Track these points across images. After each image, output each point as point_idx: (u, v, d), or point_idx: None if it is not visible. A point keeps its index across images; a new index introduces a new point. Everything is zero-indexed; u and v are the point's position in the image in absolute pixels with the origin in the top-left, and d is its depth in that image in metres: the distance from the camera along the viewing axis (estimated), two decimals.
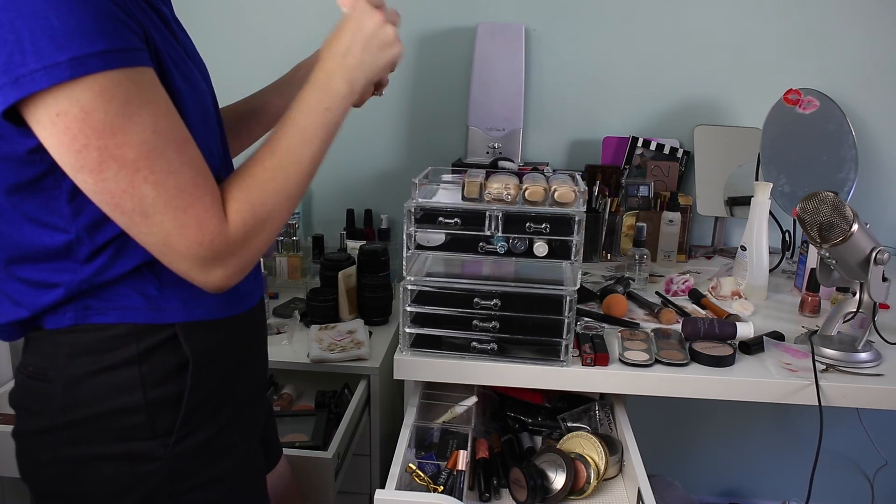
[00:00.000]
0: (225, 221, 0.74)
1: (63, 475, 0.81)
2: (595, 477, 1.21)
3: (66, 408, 0.78)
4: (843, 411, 1.90)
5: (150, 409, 0.79)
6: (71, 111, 0.65)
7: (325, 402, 1.57)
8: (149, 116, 0.68)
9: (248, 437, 0.94)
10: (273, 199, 0.78)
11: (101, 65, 0.65)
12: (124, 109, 0.67)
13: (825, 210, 1.23)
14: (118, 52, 0.66)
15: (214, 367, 0.85)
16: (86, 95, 0.65)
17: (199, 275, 0.74)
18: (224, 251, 0.74)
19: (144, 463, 0.80)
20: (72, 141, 0.66)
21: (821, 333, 1.36)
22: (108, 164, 0.67)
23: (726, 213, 1.95)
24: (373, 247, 1.75)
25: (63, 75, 0.63)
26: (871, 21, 1.91)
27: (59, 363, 0.78)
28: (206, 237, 0.72)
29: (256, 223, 0.76)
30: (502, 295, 1.25)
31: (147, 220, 0.70)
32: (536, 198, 1.21)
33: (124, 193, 0.69)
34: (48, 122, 0.66)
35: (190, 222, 0.71)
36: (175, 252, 0.72)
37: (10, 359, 1.61)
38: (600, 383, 1.28)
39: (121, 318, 0.78)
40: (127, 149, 0.67)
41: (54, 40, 0.63)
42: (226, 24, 2.02)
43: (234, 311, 0.88)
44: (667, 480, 2.01)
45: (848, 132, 1.89)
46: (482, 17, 1.94)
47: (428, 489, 1.14)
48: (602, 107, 2.02)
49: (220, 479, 0.86)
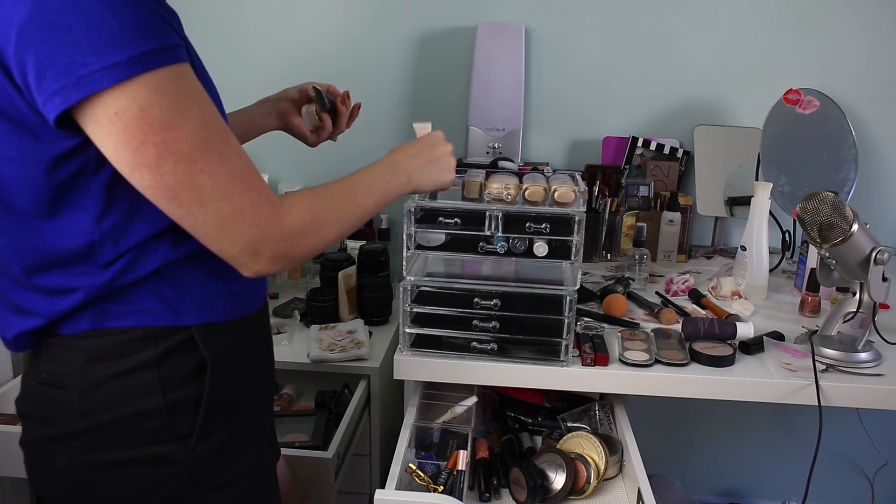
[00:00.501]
0: (279, 208, 0.77)
1: (80, 482, 0.80)
2: (595, 477, 1.21)
3: (85, 413, 0.78)
4: (843, 411, 1.90)
5: (171, 411, 0.79)
6: (129, 109, 0.67)
7: (325, 402, 1.57)
8: (197, 110, 0.71)
9: (261, 438, 0.95)
10: (331, 213, 0.84)
11: (156, 62, 0.67)
12: (176, 105, 0.69)
13: (825, 210, 1.23)
14: (168, 49, 0.69)
15: (231, 367, 0.85)
16: (143, 93, 0.67)
17: (249, 257, 0.76)
18: (276, 236, 0.76)
19: (165, 466, 0.80)
20: (130, 138, 0.67)
21: (821, 333, 1.36)
22: (165, 159, 0.69)
23: (726, 213, 1.95)
24: (373, 247, 1.75)
25: (123, 74, 0.65)
26: (872, 21, 1.91)
27: (75, 369, 0.78)
28: (261, 219, 0.75)
29: (313, 224, 0.80)
30: (502, 295, 1.25)
31: (205, 209, 0.72)
32: (536, 198, 1.21)
33: (182, 185, 0.70)
34: (106, 121, 0.67)
35: (245, 206, 0.74)
36: (230, 236, 0.74)
37: (10, 358, 1.61)
38: (600, 383, 1.28)
39: (138, 321, 0.78)
40: (182, 142, 0.69)
41: (113, 40, 0.65)
42: (225, 25, 2.02)
43: (246, 312, 0.89)
44: (667, 480, 2.01)
45: (848, 132, 1.89)
46: (482, 17, 1.94)
47: (428, 489, 1.14)
48: (602, 107, 2.02)
49: (238, 479, 0.87)
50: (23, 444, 0.84)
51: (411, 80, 2.03)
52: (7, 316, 0.81)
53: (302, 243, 0.80)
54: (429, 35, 1.99)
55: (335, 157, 1.88)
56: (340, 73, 2.02)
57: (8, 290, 0.80)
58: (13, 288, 0.80)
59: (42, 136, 0.70)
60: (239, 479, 0.87)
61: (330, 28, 2.01)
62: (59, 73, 0.65)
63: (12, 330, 0.81)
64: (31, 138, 0.70)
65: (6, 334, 0.82)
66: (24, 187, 0.73)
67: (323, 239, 0.83)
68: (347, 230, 0.87)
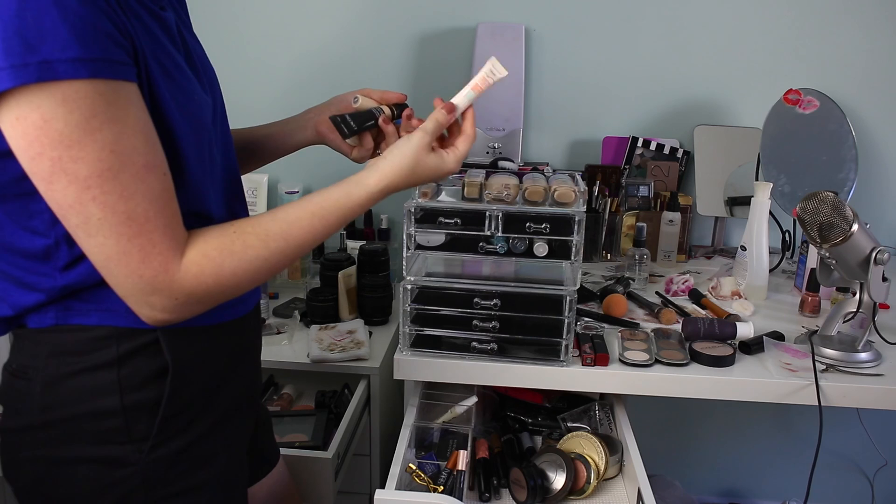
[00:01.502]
0: (175, 262, 0.71)
1: (41, 474, 0.80)
2: (595, 477, 1.21)
3: (45, 407, 0.78)
4: (843, 411, 1.90)
5: (127, 413, 0.78)
6: (30, 117, 0.63)
7: (325, 402, 1.57)
8: (110, 134, 0.66)
9: (230, 448, 0.92)
10: (248, 275, 0.76)
11: (70, 72, 0.63)
12: (86, 123, 0.64)
13: (825, 210, 1.23)
14: (91, 61, 0.64)
15: (196, 374, 0.83)
16: (47, 103, 0.63)
17: (135, 305, 0.73)
18: (165, 291, 0.71)
19: (119, 467, 0.79)
20: (28, 147, 0.65)
21: (821, 333, 1.36)
22: (58, 177, 0.65)
23: (726, 213, 1.95)
24: (373, 247, 1.75)
25: (31, 76, 0.62)
26: (871, 21, 1.91)
27: (39, 362, 0.78)
28: (147, 271, 0.70)
29: (214, 286, 0.74)
30: (502, 295, 1.25)
31: (90, 239, 0.69)
32: (536, 198, 1.21)
33: (70, 208, 0.67)
34: (9, 124, 0.64)
35: (133, 251, 0.69)
36: (113, 276, 0.71)
37: None
38: (600, 383, 1.28)
39: (102, 320, 0.77)
40: (80, 164, 0.65)
41: (26, 41, 0.61)
42: (224, 25, 2.02)
43: (222, 319, 0.86)
44: (667, 480, 2.01)
45: (848, 132, 1.89)
46: (482, 17, 1.94)
47: (428, 489, 1.14)
48: (602, 107, 2.02)
49: (196, 488, 0.85)
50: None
51: (411, 80, 2.03)
52: None
53: (200, 301, 0.74)
54: (429, 35, 1.99)
55: (336, 157, 1.87)
56: (340, 73, 2.02)
57: None
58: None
59: None
60: (195, 489, 0.85)
61: (330, 28, 2.01)
62: None
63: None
64: None
65: None
66: None
67: (233, 294, 0.77)
68: (277, 272, 0.80)
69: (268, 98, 2.04)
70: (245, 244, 0.76)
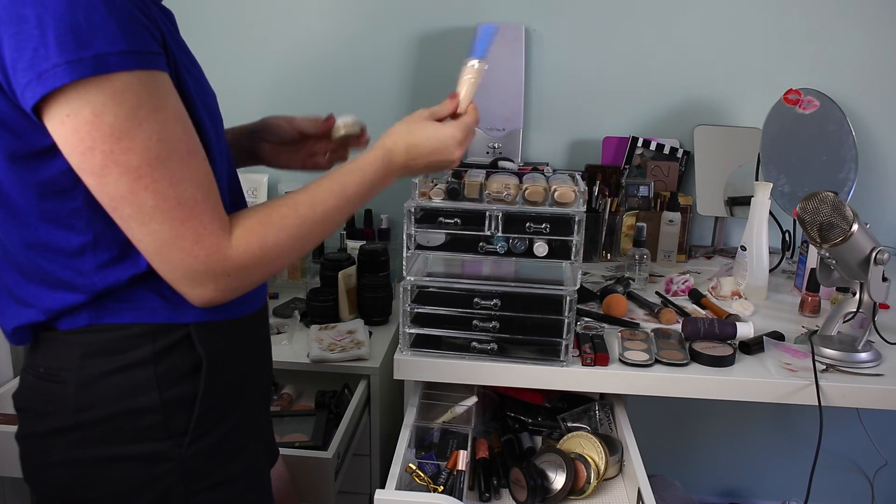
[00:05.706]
0: (226, 241, 0.74)
1: (74, 477, 0.80)
2: (595, 477, 1.21)
3: (80, 408, 0.78)
4: (843, 411, 1.90)
5: (166, 409, 0.79)
6: (81, 112, 0.65)
7: (325, 402, 1.57)
8: (156, 124, 0.68)
9: (256, 440, 0.94)
10: (288, 243, 0.79)
11: (119, 64, 0.65)
12: (133, 114, 0.66)
13: (825, 210, 1.23)
14: (137, 53, 0.66)
15: (227, 367, 0.85)
16: (98, 97, 0.65)
17: (188, 287, 0.74)
18: (218, 270, 0.74)
19: (159, 463, 0.80)
20: (78, 142, 0.66)
21: (821, 333, 1.36)
22: (109, 169, 0.67)
23: (726, 213, 1.95)
24: (373, 247, 1.75)
25: (86, 71, 0.63)
26: (872, 21, 1.91)
27: (72, 363, 0.78)
28: (201, 251, 0.72)
29: (262, 258, 0.77)
30: (502, 295, 1.25)
31: (143, 228, 0.70)
32: (536, 198, 1.21)
33: (123, 199, 0.69)
34: (58, 122, 0.66)
35: (187, 234, 0.71)
36: (167, 262, 0.72)
37: (10, 359, 1.61)
38: (600, 383, 1.28)
39: (136, 318, 0.78)
40: (131, 155, 0.67)
41: (77, 36, 0.63)
42: (223, 25, 2.02)
43: (245, 312, 0.88)
44: (667, 480, 2.01)
45: (848, 132, 1.89)
46: (482, 18, 1.94)
47: (428, 489, 1.14)
48: (602, 107, 2.02)
49: (232, 479, 0.87)
50: (19, 438, 0.84)
51: (411, 80, 2.03)
52: (10, 307, 0.81)
53: (250, 275, 0.77)
54: (429, 35, 1.99)
55: None
56: (340, 73, 2.02)
57: (13, 283, 0.80)
58: (18, 281, 0.79)
59: (21, 133, 0.69)
60: (232, 480, 0.87)
61: (329, 28, 2.01)
62: (27, 66, 0.63)
63: (12, 322, 0.81)
64: (11, 136, 0.69)
65: (6, 327, 0.82)
66: (14, 185, 0.72)
67: (279, 266, 0.80)
68: (313, 248, 0.84)
69: (267, 96, 2.04)
70: (280, 215, 0.79)
